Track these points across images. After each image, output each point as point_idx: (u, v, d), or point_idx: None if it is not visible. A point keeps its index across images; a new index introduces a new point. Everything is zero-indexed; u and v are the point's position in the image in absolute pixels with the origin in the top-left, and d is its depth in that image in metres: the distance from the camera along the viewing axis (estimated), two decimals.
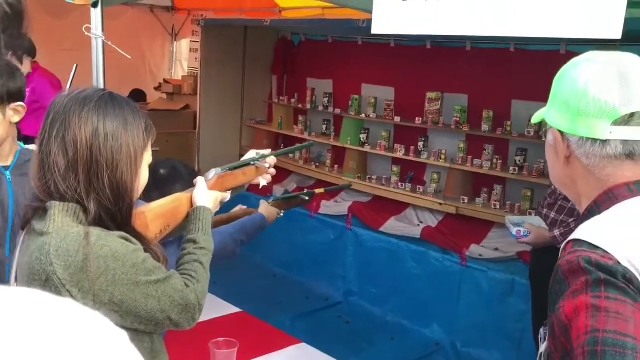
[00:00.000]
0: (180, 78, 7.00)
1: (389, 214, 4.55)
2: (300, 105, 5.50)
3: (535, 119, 1.14)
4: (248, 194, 4.43)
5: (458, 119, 4.40)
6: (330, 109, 5.27)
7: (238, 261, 4.86)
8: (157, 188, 1.39)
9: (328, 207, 4.87)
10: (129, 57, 2.81)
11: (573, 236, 0.98)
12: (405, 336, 4.07)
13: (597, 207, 1.02)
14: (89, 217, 1.21)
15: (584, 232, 0.96)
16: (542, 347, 1.02)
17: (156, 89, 6.92)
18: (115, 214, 1.24)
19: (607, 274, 0.87)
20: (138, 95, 6.42)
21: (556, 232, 2.88)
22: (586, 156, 1.02)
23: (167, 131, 5.71)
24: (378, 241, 4.38)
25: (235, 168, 1.64)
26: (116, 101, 1.27)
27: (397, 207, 4.64)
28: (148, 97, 6.83)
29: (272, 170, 1.75)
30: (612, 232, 0.95)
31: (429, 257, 4.08)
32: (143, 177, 1.33)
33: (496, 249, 3.95)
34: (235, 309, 2.77)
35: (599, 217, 1.00)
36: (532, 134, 3.96)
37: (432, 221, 4.43)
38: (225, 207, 1.71)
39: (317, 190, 2.63)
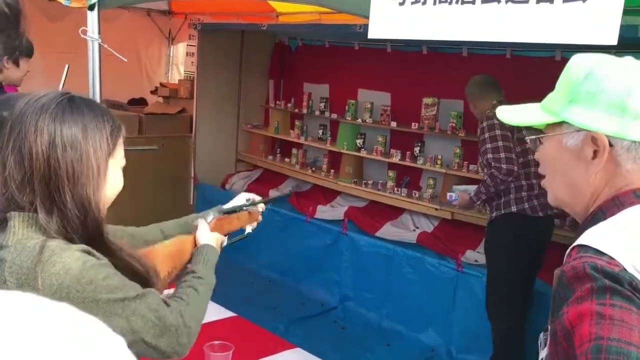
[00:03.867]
0: (176, 82, 6.99)
1: (384, 219, 4.55)
2: (296, 110, 5.51)
3: (539, 120, 1.07)
4: None
5: (454, 125, 4.40)
6: (327, 114, 5.27)
7: (233, 266, 4.87)
8: None
9: (324, 212, 4.86)
10: (125, 60, 2.81)
11: (578, 242, 0.96)
12: (401, 342, 4.06)
13: (602, 213, 1.00)
14: (52, 228, 1.13)
15: (590, 237, 0.94)
16: (543, 353, 1.01)
17: (152, 92, 6.90)
18: (78, 228, 1.16)
19: (613, 281, 0.85)
20: (138, 103, 6.43)
21: (472, 194, 3.36)
22: (633, 160, 0.98)
23: (163, 135, 5.70)
24: (374, 246, 4.37)
25: (231, 212, 1.67)
26: (75, 106, 1.16)
27: (392, 212, 4.64)
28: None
29: (260, 218, 1.77)
30: (618, 238, 0.93)
31: (424, 262, 4.07)
32: (115, 183, 1.25)
33: None
34: (229, 313, 2.74)
35: (604, 223, 0.98)
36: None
37: (428, 226, 4.43)
38: None
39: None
